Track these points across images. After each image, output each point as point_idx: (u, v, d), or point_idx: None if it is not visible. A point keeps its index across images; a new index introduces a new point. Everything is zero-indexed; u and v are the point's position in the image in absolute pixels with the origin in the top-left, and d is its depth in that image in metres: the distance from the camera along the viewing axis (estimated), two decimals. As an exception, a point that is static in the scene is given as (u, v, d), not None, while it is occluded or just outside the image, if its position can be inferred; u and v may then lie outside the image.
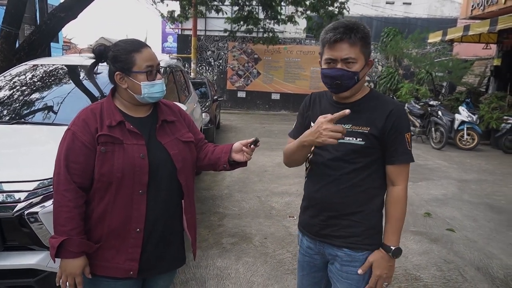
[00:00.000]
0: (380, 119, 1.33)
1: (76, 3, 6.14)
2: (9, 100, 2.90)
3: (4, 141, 2.36)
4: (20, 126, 2.58)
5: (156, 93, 1.39)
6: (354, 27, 1.29)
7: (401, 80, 13.25)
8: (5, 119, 2.68)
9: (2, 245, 1.82)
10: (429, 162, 7.07)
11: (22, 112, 2.79)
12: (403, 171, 1.37)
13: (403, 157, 1.35)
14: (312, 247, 1.52)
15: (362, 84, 1.39)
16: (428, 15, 14.67)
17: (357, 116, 1.35)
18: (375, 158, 1.37)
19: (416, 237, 3.66)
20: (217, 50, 15.56)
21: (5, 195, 1.84)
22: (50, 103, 2.89)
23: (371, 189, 1.39)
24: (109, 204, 1.33)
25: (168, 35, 23.09)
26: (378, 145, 1.35)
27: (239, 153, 1.50)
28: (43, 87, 3.07)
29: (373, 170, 1.38)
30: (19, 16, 5.83)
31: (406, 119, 1.37)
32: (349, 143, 1.35)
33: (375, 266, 1.37)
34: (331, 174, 1.40)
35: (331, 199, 1.40)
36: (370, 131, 1.33)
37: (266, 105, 15.63)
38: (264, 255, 3.17)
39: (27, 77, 3.20)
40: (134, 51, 1.35)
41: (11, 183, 1.87)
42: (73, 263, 1.29)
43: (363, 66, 1.32)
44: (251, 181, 5.33)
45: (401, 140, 1.34)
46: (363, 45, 1.30)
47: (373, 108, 1.36)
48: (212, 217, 3.96)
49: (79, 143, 1.30)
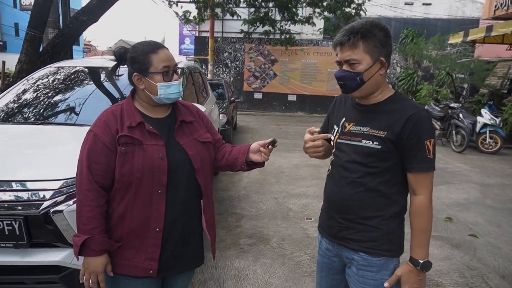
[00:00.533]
0: (398, 123, 1.29)
1: (97, 7, 6.28)
2: (34, 101, 2.98)
3: (30, 141, 2.43)
4: (45, 127, 2.65)
5: (172, 94, 1.40)
6: (357, 28, 1.28)
7: (420, 82, 13.01)
8: (31, 120, 2.76)
9: (29, 242, 1.87)
10: (449, 166, 6.91)
11: (46, 113, 2.86)
12: (424, 180, 1.31)
13: (422, 165, 1.28)
14: (330, 249, 1.51)
15: (376, 85, 1.34)
16: (449, 15, 14.36)
17: (376, 119, 1.34)
18: (392, 163, 1.33)
19: (437, 242, 3.57)
20: (234, 52, 15.64)
21: (32, 193, 1.89)
22: (72, 105, 2.96)
23: (389, 194, 1.35)
24: (129, 204, 1.35)
25: (185, 37, 23.36)
26: (395, 150, 1.30)
27: (257, 153, 1.51)
28: (66, 89, 3.14)
29: (391, 176, 1.34)
30: (43, 20, 6.01)
31: (427, 125, 1.29)
32: (366, 146, 1.33)
33: (404, 281, 1.32)
34: (348, 177, 1.38)
35: (347, 202, 1.39)
36: (387, 135, 1.30)
37: (283, 106, 15.60)
38: (282, 256, 3.16)
39: (51, 80, 3.28)
40: (151, 52, 1.37)
41: (37, 181, 1.92)
42: (95, 261, 1.32)
43: (369, 66, 1.29)
44: (268, 183, 5.33)
45: (419, 147, 1.27)
46: (367, 46, 1.28)
47: (393, 112, 1.32)
48: (229, 218, 3.97)
49: (101, 144, 1.33)
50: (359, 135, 1.36)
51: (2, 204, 1.84)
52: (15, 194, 1.88)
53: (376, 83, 1.33)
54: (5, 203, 1.84)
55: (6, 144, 2.37)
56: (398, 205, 1.36)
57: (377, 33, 1.28)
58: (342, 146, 1.42)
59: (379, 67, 1.31)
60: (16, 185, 1.90)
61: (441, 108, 9.23)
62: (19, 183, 1.91)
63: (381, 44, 1.30)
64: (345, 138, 1.41)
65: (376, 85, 1.34)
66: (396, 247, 1.37)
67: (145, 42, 1.43)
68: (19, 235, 1.84)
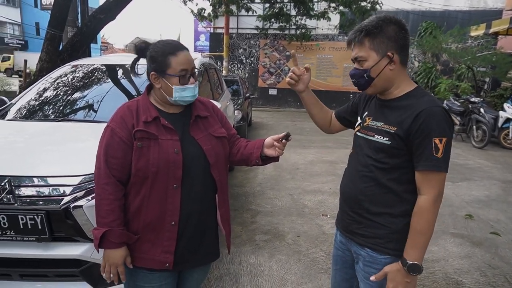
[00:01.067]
0: (408, 119, 1.26)
1: (114, 5, 6.37)
2: (54, 99, 3.05)
3: (50, 138, 2.49)
4: (65, 124, 2.71)
5: (187, 97, 1.41)
6: (363, 26, 1.30)
7: (439, 76, 12.71)
8: (51, 117, 2.82)
9: (50, 236, 1.92)
10: (469, 162, 6.73)
11: (66, 111, 2.93)
12: (430, 179, 1.24)
13: (427, 163, 1.22)
14: (343, 242, 1.52)
15: (389, 80, 1.32)
16: (470, 7, 13.91)
17: (390, 114, 1.33)
18: (402, 160, 1.30)
19: (456, 240, 3.50)
20: (248, 48, 15.61)
21: (53, 189, 1.94)
22: (91, 102, 3.01)
23: (399, 192, 1.32)
24: (145, 198, 1.37)
25: (201, 34, 23.46)
26: (404, 146, 1.27)
27: (271, 148, 1.51)
28: (84, 87, 3.20)
29: (401, 173, 1.31)
30: (63, 19, 6.14)
31: (439, 122, 1.21)
32: (377, 141, 1.33)
33: (390, 278, 1.29)
34: (361, 170, 1.39)
35: (358, 196, 1.39)
36: (396, 131, 1.28)
37: (298, 102, 15.47)
38: (297, 253, 3.16)
39: (69, 78, 3.35)
40: (170, 54, 1.38)
41: (58, 177, 1.96)
42: (115, 253, 1.35)
43: (375, 62, 1.30)
44: (283, 179, 5.32)
45: (426, 145, 1.21)
46: (373, 42, 1.29)
47: (406, 107, 1.29)
48: (245, 214, 3.99)
49: (117, 138, 1.35)
50: (373, 130, 1.36)
51: (25, 199, 1.89)
52: (37, 189, 1.93)
53: (387, 78, 1.32)
54: (27, 198, 1.90)
55: (27, 141, 2.44)
56: (408, 204, 1.32)
57: (385, 28, 1.28)
58: (359, 140, 1.43)
59: (387, 62, 1.30)
60: (38, 181, 1.95)
61: (461, 103, 8.99)
62: (41, 178, 1.96)
63: (390, 38, 1.28)
64: (363, 132, 1.42)
65: (388, 80, 1.33)
66: (402, 247, 1.33)
67: (166, 42, 1.43)
68: (41, 229, 1.89)
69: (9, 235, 1.90)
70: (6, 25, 32.55)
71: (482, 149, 7.82)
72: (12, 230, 1.90)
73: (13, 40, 32.12)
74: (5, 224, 1.89)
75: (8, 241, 1.91)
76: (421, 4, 14.17)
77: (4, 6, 31.82)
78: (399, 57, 1.31)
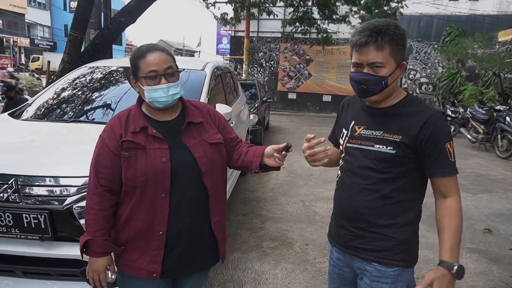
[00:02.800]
0: (415, 127, 1.22)
1: (134, 8, 6.50)
2: (69, 100, 3.12)
3: (61, 138, 2.54)
4: (77, 125, 2.76)
5: (159, 98, 1.36)
6: (383, 29, 1.20)
7: (464, 83, 12.32)
8: (64, 118, 2.88)
9: (53, 235, 1.95)
10: (492, 173, 6.46)
11: (79, 112, 2.98)
12: (452, 183, 1.26)
13: (448, 169, 1.23)
14: (341, 258, 1.44)
15: (394, 89, 1.28)
16: (498, 11, 13.44)
17: (389, 123, 1.27)
18: (408, 168, 1.26)
19: (473, 255, 3.34)
20: (268, 52, 15.62)
21: (57, 189, 1.97)
22: (105, 103, 3.06)
23: (404, 201, 1.28)
24: (135, 207, 1.37)
25: (223, 37, 23.71)
26: (411, 154, 1.24)
27: (271, 158, 1.47)
28: (99, 88, 3.26)
29: (406, 181, 1.27)
30: (85, 22, 6.30)
31: (445, 128, 1.25)
32: (379, 151, 1.27)
33: (438, 285, 1.18)
34: (360, 183, 1.32)
35: (359, 210, 1.32)
36: (402, 139, 1.23)
37: (317, 107, 15.38)
38: (304, 262, 3.09)
39: (86, 79, 3.42)
40: (140, 57, 1.37)
41: (62, 178, 2.00)
42: (97, 261, 1.38)
43: (393, 70, 1.24)
44: (296, 185, 5.25)
45: (441, 151, 1.22)
46: (393, 48, 1.22)
47: (408, 115, 1.25)
48: (254, 219, 3.95)
49: (107, 149, 1.37)
50: (371, 139, 1.30)
51: (30, 199, 1.93)
52: (41, 189, 1.96)
53: (395, 87, 1.28)
54: (32, 197, 1.94)
55: (37, 141, 2.49)
56: (413, 212, 1.29)
57: (401, 35, 1.23)
58: (352, 150, 1.36)
59: (401, 72, 1.26)
60: (43, 181, 1.99)
61: (485, 111, 8.66)
62: (46, 178, 1.99)
63: (403, 46, 1.24)
64: (355, 142, 1.35)
65: (394, 89, 1.29)
66: (411, 257, 1.30)
67: (142, 45, 1.44)
68: (44, 228, 1.92)
69: (14, 233, 1.94)
70: (37, 27, 33.88)
71: (506, 160, 7.49)
72: (16, 228, 1.94)
73: (43, 41, 33.37)
74: (10, 222, 1.93)
75: (13, 238, 1.96)
76: (446, 9, 13.80)
77: (36, 9, 33.16)
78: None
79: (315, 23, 12.70)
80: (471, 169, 6.54)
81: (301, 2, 12.31)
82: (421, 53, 14.29)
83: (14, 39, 26.51)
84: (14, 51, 26.36)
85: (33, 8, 32.65)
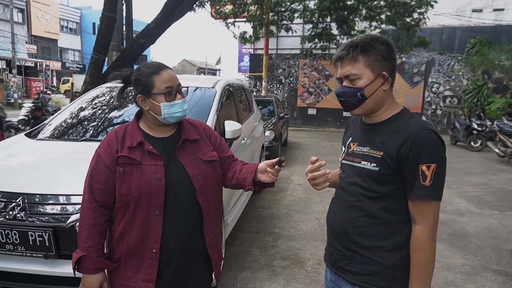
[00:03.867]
0: (395, 145, 1.16)
1: (154, 30, 6.74)
2: (84, 119, 3.22)
3: (72, 157, 2.61)
4: (89, 143, 2.83)
5: (176, 113, 1.40)
6: (356, 42, 1.20)
7: (492, 95, 11.88)
8: (77, 137, 2.97)
9: (57, 253, 1.98)
10: (523, 189, 6.11)
11: (93, 131, 3.07)
12: (422, 209, 1.16)
13: (416, 192, 1.15)
14: (333, 280, 1.37)
15: (380, 102, 1.23)
16: (525, 21, 13.01)
17: (376, 138, 1.23)
18: (394, 188, 1.19)
19: (499, 278, 3.13)
20: (288, 68, 15.71)
21: (61, 207, 2.01)
22: (118, 122, 3.13)
23: (392, 223, 1.20)
24: (128, 224, 1.36)
25: (244, 55, 24.11)
26: (393, 172, 1.17)
27: (265, 173, 1.44)
28: (114, 107, 3.35)
29: (393, 202, 1.20)
30: (106, 45, 6.58)
31: (428, 148, 1.14)
32: (364, 167, 1.22)
33: None
34: (348, 200, 1.27)
35: (345, 228, 1.26)
36: (383, 155, 1.18)
37: (337, 122, 15.22)
38: (315, 282, 2.99)
39: (102, 99, 3.53)
40: (154, 74, 1.38)
41: (66, 196, 2.04)
42: (91, 278, 1.36)
43: (370, 81, 1.20)
44: (312, 202, 5.15)
45: (415, 173, 1.14)
46: (369, 59, 1.19)
47: (393, 131, 1.20)
48: (266, 237, 3.88)
49: (102, 164, 1.37)
50: (359, 156, 1.26)
51: (35, 216, 1.98)
52: (46, 207, 2.01)
53: (379, 99, 1.23)
54: (37, 215, 1.98)
55: (49, 160, 2.57)
56: (402, 236, 1.20)
57: (378, 46, 1.20)
58: (345, 167, 1.33)
59: (382, 82, 1.21)
60: (48, 199, 2.03)
61: (514, 124, 8.29)
62: (50, 196, 2.04)
63: (383, 58, 1.21)
64: (348, 159, 1.31)
65: (379, 101, 1.23)
66: (398, 285, 1.20)
67: (149, 63, 1.45)
68: (48, 246, 1.96)
69: (20, 250, 1.99)
70: (68, 51, 35.72)
71: (539, 175, 7.09)
72: (22, 246, 1.98)
73: (73, 64, 35.09)
74: (17, 240, 1.98)
75: (19, 256, 2.00)
76: (470, 20, 13.49)
77: (68, 34, 35.06)
78: (391, 78, 1.23)
79: (334, 39, 12.72)
80: (499, 185, 6.21)
81: (320, 18, 12.41)
82: (444, 66, 13.96)
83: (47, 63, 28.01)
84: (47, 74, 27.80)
85: (65, 33, 34.53)
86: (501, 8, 13.43)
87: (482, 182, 6.50)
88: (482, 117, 9.88)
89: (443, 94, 14.07)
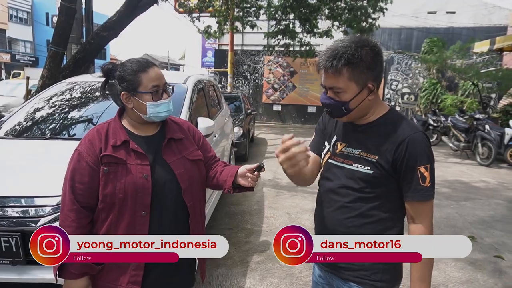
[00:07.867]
0: (391, 149, 1.19)
1: (116, 23, 6.47)
2: (45, 116, 3.04)
3: (35, 157, 2.46)
4: (53, 142, 2.68)
5: (161, 113, 1.37)
6: (340, 52, 1.14)
7: (444, 92, 12.62)
8: (40, 135, 2.80)
9: (25, 259, 1.86)
10: (474, 180, 6.57)
11: (56, 128, 2.90)
12: (422, 209, 1.20)
13: (415, 194, 1.18)
14: (322, 276, 1.41)
15: (366, 108, 1.23)
16: (474, 23, 13.92)
17: (368, 141, 1.24)
18: (390, 188, 1.22)
19: (458, 264, 3.35)
20: (253, 64, 15.73)
21: (30, 209, 1.90)
22: (82, 119, 2.99)
23: (383, 220, 1.24)
24: (112, 225, 1.31)
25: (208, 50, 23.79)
26: (389, 175, 1.20)
27: (244, 178, 1.43)
28: (77, 104, 3.19)
29: (386, 200, 1.24)
30: (65, 37, 6.23)
31: (422, 150, 1.17)
32: (357, 170, 1.24)
33: None
34: (338, 201, 1.29)
35: (337, 228, 1.29)
36: (378, 160, 1.20)
37: (302, 118, 15.49)
38: (290, 276, 3.05)
39: (63, 95, 3.35)
40: (140, 71, 1.34)
41: (35, 198, 1.92)
42: (75, 284, 1.29)
43: (355, 94, 1.17)
44: (282, 197, 5.22)
45: (413, 175, 1.16)
46: (352, 72, 1.15)
47: (386, 135, 1.22)
48: (239, 233, 3.89)
49: (84, 163, 1.31)
50: (350, 158, 1.27)
51: (1, 221, 1.85)
52: (12, 210, 1.89)
53: (365, 108, 1.23)
54: (2, 219, 1.85)
55: (11, 159, 2.41)
56: (393, 231, 1.25)
57: (363, 56, 1.15)
58: (333, 168, 1.33)
59: (367, 94, 1.20)
60: (14, 201, 1.91)
61: (466, 120, 8.87)
62: (18, 199, 1.92)
63: (368, 68, 1.16)
64: (337, 159, 1.31)
65: (365, 109, 1.24)
66: (390, 277, 1.25)
67: (135, 60, 1.39)
68: (15, 252, 1.84)
69: (-16, 257, 1.85)
70: (18, 42, 33.39)
71: (488, 167, 7.65)
72: (-14, 253, 1.85)
73: (24, 57, 32.87)
74: (-20, 246, 1.84)
75: (-18, 263, 1.86)
76: (425, 21, 14.21)
77: (17, 24, 32.71)
78: (377, 85, 1.23)
79: (297, 36, 12.89)
80: (453, 177, 6.64)
81: (283, 15, 12.52)
82: (402, 64, 14.62)
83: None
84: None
85: (14, 23, 32.23)
86: (453, 11, 14.28)
87: (438, 174, 6.79)
88: (437, 113, 10.47)
89: (401, 91, 14.75)
